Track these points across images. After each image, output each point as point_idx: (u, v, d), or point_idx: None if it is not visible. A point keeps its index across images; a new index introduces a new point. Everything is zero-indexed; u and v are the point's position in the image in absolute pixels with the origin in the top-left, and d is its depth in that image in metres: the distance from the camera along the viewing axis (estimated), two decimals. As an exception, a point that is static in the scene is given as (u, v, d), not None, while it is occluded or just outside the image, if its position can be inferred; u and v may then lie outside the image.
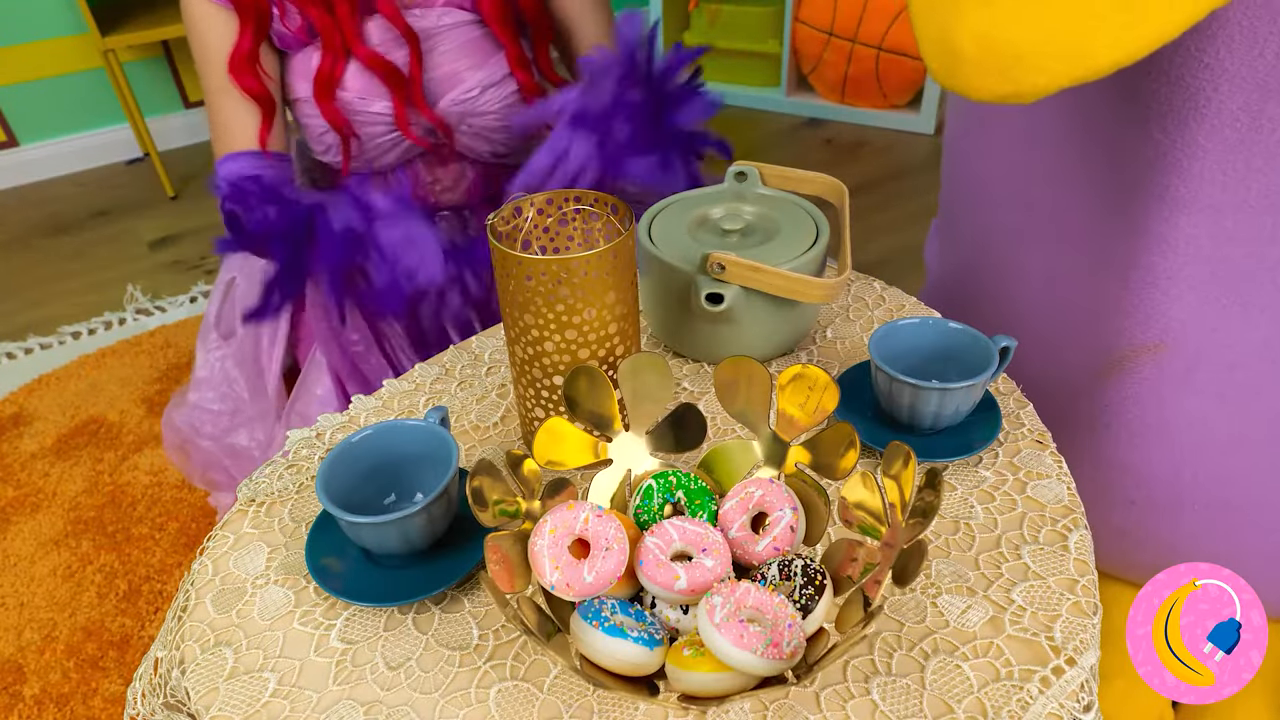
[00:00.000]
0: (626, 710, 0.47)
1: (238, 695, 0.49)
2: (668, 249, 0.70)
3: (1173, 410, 0.70)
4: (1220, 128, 0.59)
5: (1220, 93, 0.58)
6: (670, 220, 0.74)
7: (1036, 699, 0.45)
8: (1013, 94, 0.42)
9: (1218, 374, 0.68)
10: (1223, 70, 0.57)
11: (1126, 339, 0.70)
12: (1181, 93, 0.59)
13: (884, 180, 2.18)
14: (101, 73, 2.38)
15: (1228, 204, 0.62)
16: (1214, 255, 0.64)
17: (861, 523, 0.49)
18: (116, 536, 1.30)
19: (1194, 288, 0.66)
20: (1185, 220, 0.64)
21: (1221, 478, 0.72)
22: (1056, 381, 0.68)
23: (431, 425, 0.57)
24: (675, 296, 0.69)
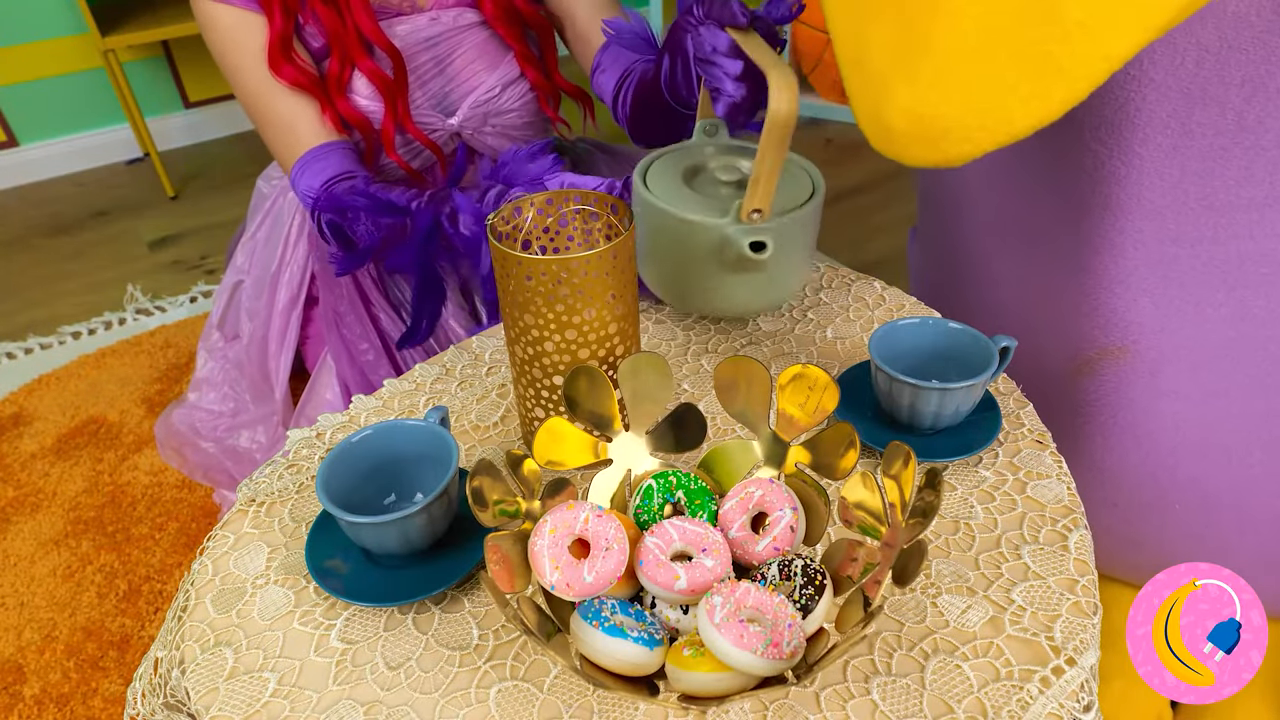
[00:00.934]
0: (626, 710, 0.47)
1: (238, 695, 0.49)
2: (683, 205, 0.66)
3: (1143, 412, 0.72)
4: (1153, 135, 0.61)
5: (1149, 102, 0.60)
6: (664, 177, 0.70)
7: (1036, 699, 0.45)
8: (942, 161, 0.45)
9: (1181, 375, 0.69)
10: (1148, 80, 0.59)
11: (1091, 343, 0.72)
12: (1112, 104, 0.61)
13: (884, 180, 2.18)
14: (101, 73, 2.38)
15: (1168, 207, 0.64)
16: (1162, 258, 0.66)
17: (861, 523, 0.49)
18: (116, 536, 1.30)
19: (1147, 291, 0.68)
20: (1129, 225, 0.66)
21: (1198, 478, 0.72)
22: (1033, 385, 0.69)
23: (431, 425, 0.57)
24: (701, 252, 0.66)
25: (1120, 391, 0.72)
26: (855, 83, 0.47)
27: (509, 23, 0.97)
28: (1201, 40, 0.56)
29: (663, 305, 0.81)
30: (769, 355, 0.74)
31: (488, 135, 1.00)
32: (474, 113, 0.98)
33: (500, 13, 0.96)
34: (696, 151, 0.74)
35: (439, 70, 0.97)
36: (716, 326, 0.78)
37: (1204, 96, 0.58)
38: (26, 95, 2.35)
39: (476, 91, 0.97)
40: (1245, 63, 0.56)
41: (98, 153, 2.50)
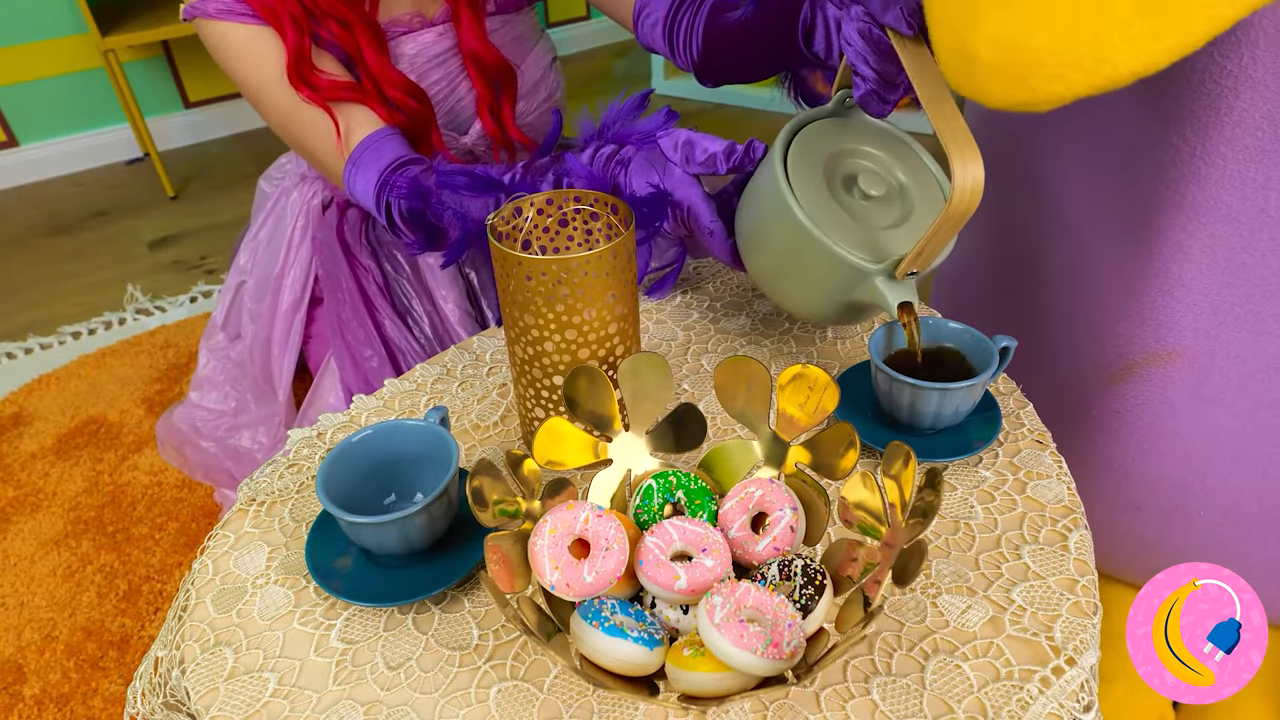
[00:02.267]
0: (626, 710, 0.47)
1: (238, 695, 0.49)
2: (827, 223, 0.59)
3: (1183, 419, 0.70)
4: (1240, 136, 0.58)
5: (1242, 100, 0.57)
6: (804, 168, 0.61)
7: (1036, 699, 0.45)
8: (1028, 102, 0.41)
9: (1229, 385, 0.67)
10: (1245, 77, 0.56)
11: (1139, 346, 0.70)
12: (1203, 99, 0.58)
13: (884, 180, 2.18)
14: (101, 73, 2.38)
15: (1245, 213, 0.61)
16: (1230, 264, 0.63)
17: (861, 523, 0.49)
18: (116, 536, 1.30)
19: (1208, 297, 0.65)
20: (1202, 229, 0.63)
21: (1229, 488, 0.71)
22: (1068, 384, 0.67)
23: (431, 425, 0.57)
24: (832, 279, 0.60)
25: (1162, 397, 0.70)
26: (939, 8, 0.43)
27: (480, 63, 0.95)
28: None
29: (663, 305, 0.81)
30: (769, 355, 0.74)
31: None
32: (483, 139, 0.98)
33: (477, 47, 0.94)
34: (839, 132, 0.65)
35: (450, 89, 0.96)
36: (716, 327, 0.78)
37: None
38: (26, 95, 2.36)
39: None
40: None
41: (98, 153, 2.50)
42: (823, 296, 0.62)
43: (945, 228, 0.53)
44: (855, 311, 0.63)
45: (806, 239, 0.58)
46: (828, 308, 0.63)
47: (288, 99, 0.85)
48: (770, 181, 0.60)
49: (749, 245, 0.65)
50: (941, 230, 0.53)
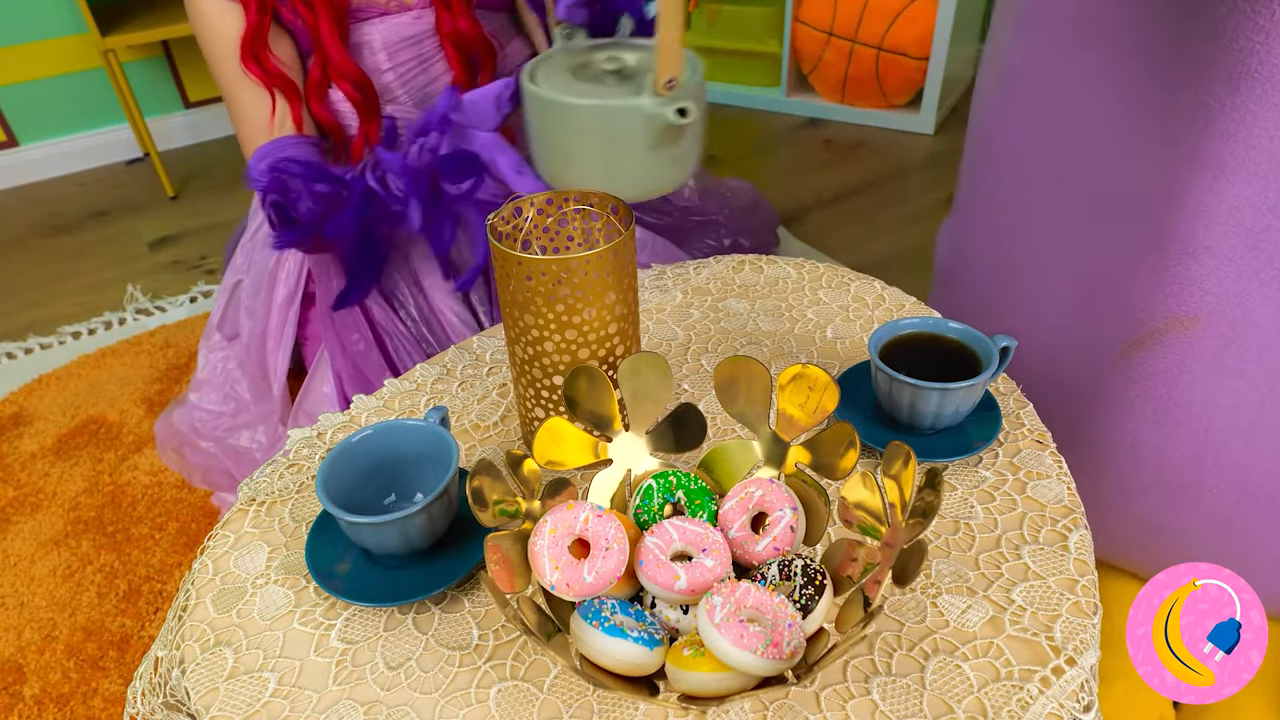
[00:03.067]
0: (626, 710, 0.47)
1: (238, 695, 0.49)
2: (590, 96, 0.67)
3: (1200, 390, 0.69)
4: (1271, 92, 0.57)
5: (1273, 55, 0.56)
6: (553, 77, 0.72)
7: (1036, 699, 0.45)
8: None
9: (1250, 353, 0.67)
10: (1277, 32, 0.55)
11: (1160, 311, 0.69)
12: (1234, 55, 0.58)
13: (884, 180, 2.18)
14: (101, 73, 2.38)
15: (1272, 172, 0.60)
16: (1256, 226, 0.63)
17: (861, 523, 0.49)
18: (116, 536, 1.30)
19: (1233, 260, 0.64)
20: (1228, 188, 0.62)
21: (1242, 465, 0.71)
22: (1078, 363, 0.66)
23: (431, 425, 0.57)
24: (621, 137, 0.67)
25: (1181, 366, 0.70)
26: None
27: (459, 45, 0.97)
28: None
29: (663, 305, 0.81)
30: (769, 355, 0.74)
31: None
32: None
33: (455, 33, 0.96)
34: (571, 54, 0.75)
35: (422, 68, 0.97)
36: (716, 326, 0.78)
37: None
38: (26, 95, 2.35)
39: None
40: None
41: (98, 153, 2.50)
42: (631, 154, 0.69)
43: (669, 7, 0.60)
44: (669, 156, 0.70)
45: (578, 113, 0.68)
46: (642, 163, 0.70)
47: (234, 73, 0.92)
48: (533, 100, 0.70)
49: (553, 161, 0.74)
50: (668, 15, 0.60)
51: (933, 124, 2.35)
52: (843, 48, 2.36)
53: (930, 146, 2.33)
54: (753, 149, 2.38)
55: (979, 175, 0.91)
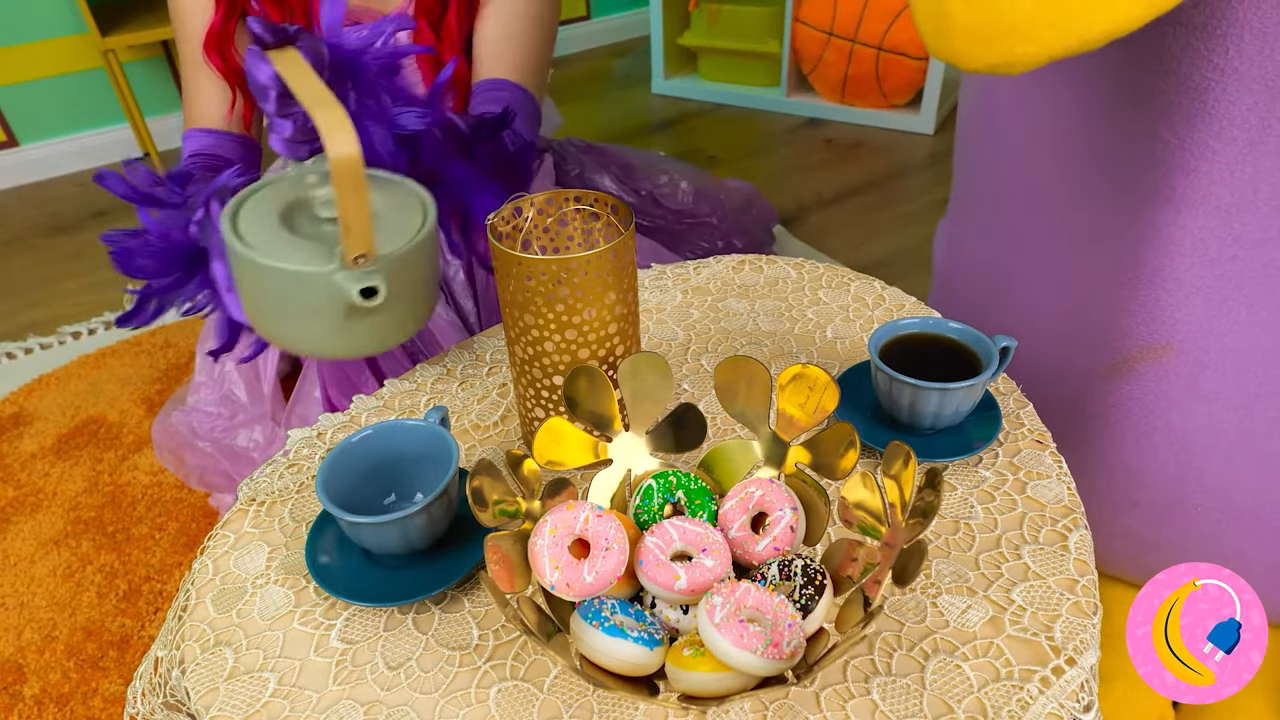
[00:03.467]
0: (626, 710, 0.47)
1: (238, 695, 0.49)
2: (279, 252, 0.58)
3: (1178, 413, 0.70)
4: (1228, 128, 0.58)
5: (1229, 93, 0.57)
6: (258, 217, 0.61)
7: (1036, 699, 0.45)
8: (1004, 64, 0.41)
9: (1224, 378, 0.67)
10: (1232, 71, 0.56)
11: (1133, 340, 0.70)
12: (1190, 93, 0.59)
13: (884, 180, 2.18)
14: (101, 73, 2.38)
15: (1235, 205, 0.61)
16: (1221, 257, 0.63)
17: (861, 523, 0.49)
18: (116, 536, 1.30)
19: (1201, 290, 0.65)
20: (1192, 221, 0.63)
21: (1226, 483, 0.71)
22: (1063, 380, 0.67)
23: (431, 425, 0.57)
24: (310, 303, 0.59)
25: (1158, 391, 0.70)
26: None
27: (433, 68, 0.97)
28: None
29: (663, 305, 0.81)
30: (769, 355, 0.74)
31: None
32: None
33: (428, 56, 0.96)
34: (290, 185, 0.63)
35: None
36: (717, 326, 0.78)
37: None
38: (26, 95, 2.35)
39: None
40: None
41: (98, 153, 2.50)
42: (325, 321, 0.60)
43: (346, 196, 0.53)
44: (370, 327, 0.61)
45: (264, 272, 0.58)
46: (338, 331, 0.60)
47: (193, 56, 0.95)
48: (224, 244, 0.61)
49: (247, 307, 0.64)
50: (345, 201, 0.54)
51: (933, 124, 2.35)
52: (843, 48, 2.36)
53: (930, 146, 2.33)
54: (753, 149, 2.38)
55: (967, 179, 0.92)
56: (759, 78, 2.67)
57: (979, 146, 0.86)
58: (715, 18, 2.64)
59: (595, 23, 3.25)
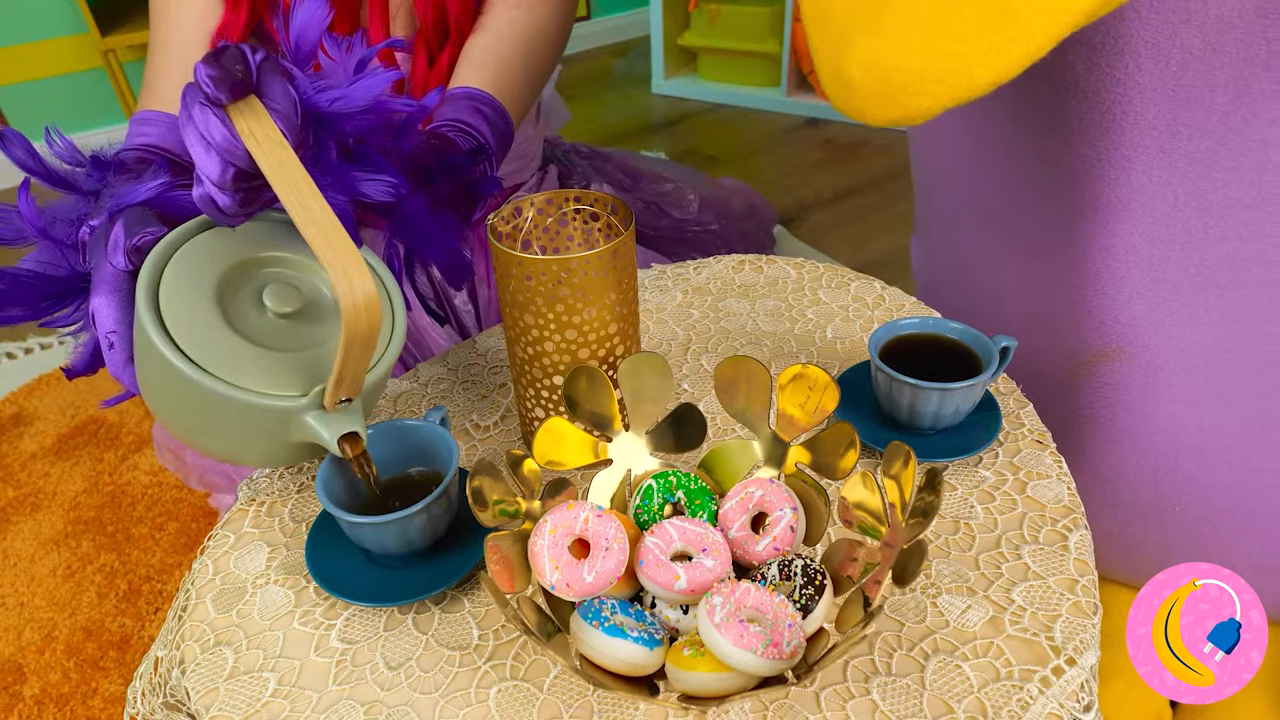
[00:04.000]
0: (626, 710, 0.47)
1: (238, 695, 0.49)
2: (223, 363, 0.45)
3: (1141, 415, 0.72)
4: (1140, 137, 0.61)
5: (1135, 105, 0.60)
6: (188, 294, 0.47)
7: (1036, 699, 0.45)
8: (902, 117, 0.44)
9: (1176, 379, 0.69)
10: (1134, 83, 0.59)
11: (1088, 345, 0.72)
12: (1099, 107, 0.61)
13: (884, 180, 2.18)
14: (101, 73, 2.38)
15: (1158, 209, 0.63)
16: (1153, 260, 0.66)
17: (861, 523, 0.49)
18: (116, 536, 1.30)
19: (1140, 294, 0.67)
20: (1121, 228, 0.65)
21: (1199, 481, 0.72)
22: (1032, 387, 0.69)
23: (431, 425, 0.57)
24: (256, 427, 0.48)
25: (1117, 395, 0.72)
26: (817, 38, 0.47)
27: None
28: (1185, 43, 0.56)
29: (663, 305, 0.81)
30: (769, 355, 0.74)
31: None
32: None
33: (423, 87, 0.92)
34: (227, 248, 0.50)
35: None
36: (717, 326, 0.78)
37: (1190, 99, 0.58)
38: (26, 95, 2.36)
39: None
40: (1229, 64, 0.56)
41: (98, 153, 2.50)
42: (257, 445, 0.49)
43: (354, 351, 0.44)
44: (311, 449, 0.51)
45: (191, 387, 0.45)
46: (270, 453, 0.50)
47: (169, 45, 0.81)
48: (137, 322, 0.46)
49: (148, 397, 0.49)
50: (350, 355, 0.44)
51: (933, 124, 2.35)
52: (843, 48, 2.36)
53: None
54: (753, 149, 2.38)
55: (923, 196, 0.94)
56: (759, 78, 2.67)
57: (928, 165, 0.89)
58: (715, 18, 2.64)
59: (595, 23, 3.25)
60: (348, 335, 0.43)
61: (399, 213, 0.58)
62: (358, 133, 0.53)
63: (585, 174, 1.18)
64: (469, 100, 0.73)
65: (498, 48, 0.83)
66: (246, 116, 0.43)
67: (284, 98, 0.45)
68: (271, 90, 0.45)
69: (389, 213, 0.57)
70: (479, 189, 0.65)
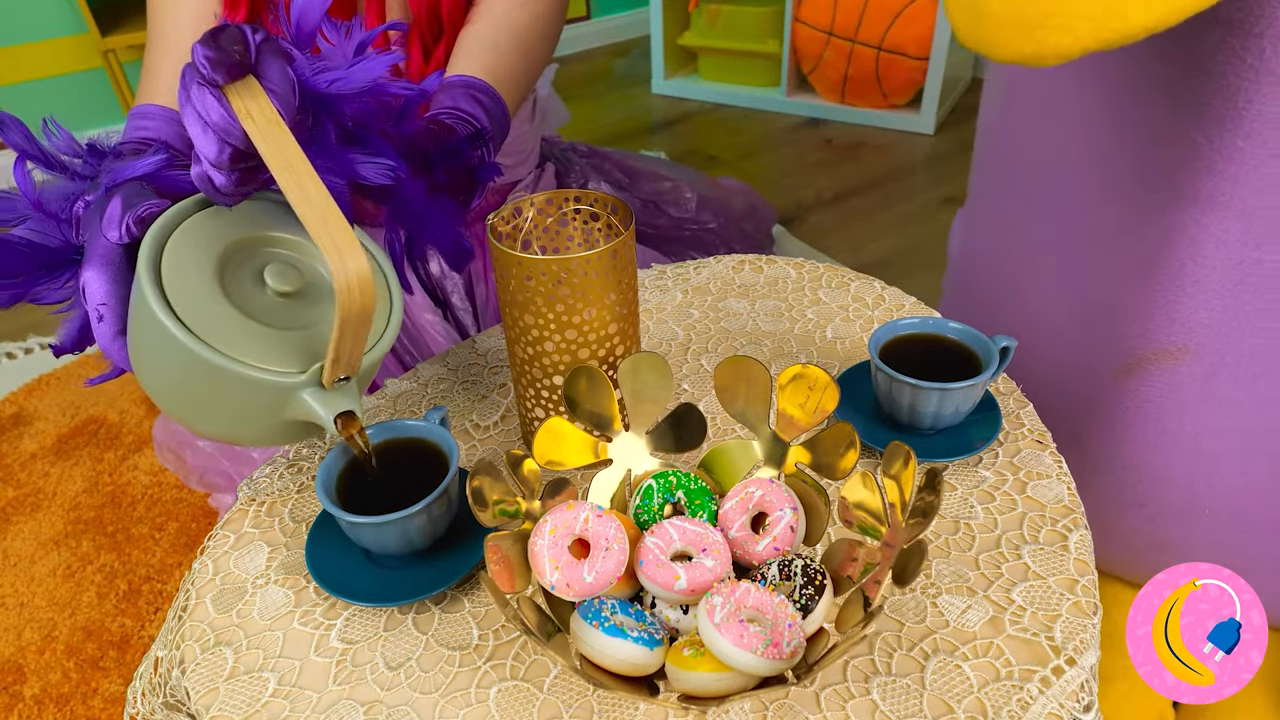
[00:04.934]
0: (626, 710, 0.47)
1: (238, 695, 0.49)
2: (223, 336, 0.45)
3: (1191, 416, 0.70)
4: (1259, 130, 0.58)
5: (1261, 94, 0.56)
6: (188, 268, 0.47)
7: (1036, 699, 0.45)
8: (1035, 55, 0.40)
9: (1239, 382, 0.67)
10: (1266, 71, 0.55)
11: (1149, 341, 0.69)
12: (1221, 92, 0.58)
13: (884, 180, 2.18)
14: (101, 73, 2.38)
15: (1261, 208, 0.61)
16: (1244, 260, 0.63)
17: (861, 523, 0.49)
18: (116, 536, 1.30)
19: (1220, 293, 0.65)
20: (1215, 223, 0.62)
21: (1236, 488, 0.71)
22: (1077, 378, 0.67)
23: (431, 425, 0.57)
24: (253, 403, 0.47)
25: (1171, 393, 0.70)
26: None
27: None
28: None
29: (664, 305, 0.81)
30: (769, 355, 0.74)
31: None
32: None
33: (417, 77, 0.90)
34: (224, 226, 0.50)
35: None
36: (717, 326, 0.78)
37: None
38: (26, 95, 2.36)
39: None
40: None
41: (98, 153, 2.50)
42: (254, 423, 0.49)
43: (349, 330, 0.44)
44: (306, 428, 0.51)
45: (192, 360, 0.45)
46: (266, 431, 0.50)
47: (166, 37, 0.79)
48: (137, 292, 0.46)
49: (143, 374, 0.49)
50: (346, 334, 0.44)
51: (933, 124, 2.35)
52: (843, 48, 2.36)
53: (930, 146, 2.33)
54: (753, 149, 2.38)
55: (986, 171, 0.91)
56: (759, 78, 2.67)
57: (1002, 137, 0.85)
58: (715, 18, 2.64)
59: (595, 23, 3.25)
60: (342, 314, 0.43)
61: (398, 197, 0.58)
62: (357, 116, 0.53)
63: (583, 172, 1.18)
64: (466, 88, 0.73)
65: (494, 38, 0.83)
66: (244, 96, 0.43)
67: (281, 78, 0.45)
68: (269, 71, 0.44)
69: (388, 197, 0.57)
70: (478, 175, 0.64)
